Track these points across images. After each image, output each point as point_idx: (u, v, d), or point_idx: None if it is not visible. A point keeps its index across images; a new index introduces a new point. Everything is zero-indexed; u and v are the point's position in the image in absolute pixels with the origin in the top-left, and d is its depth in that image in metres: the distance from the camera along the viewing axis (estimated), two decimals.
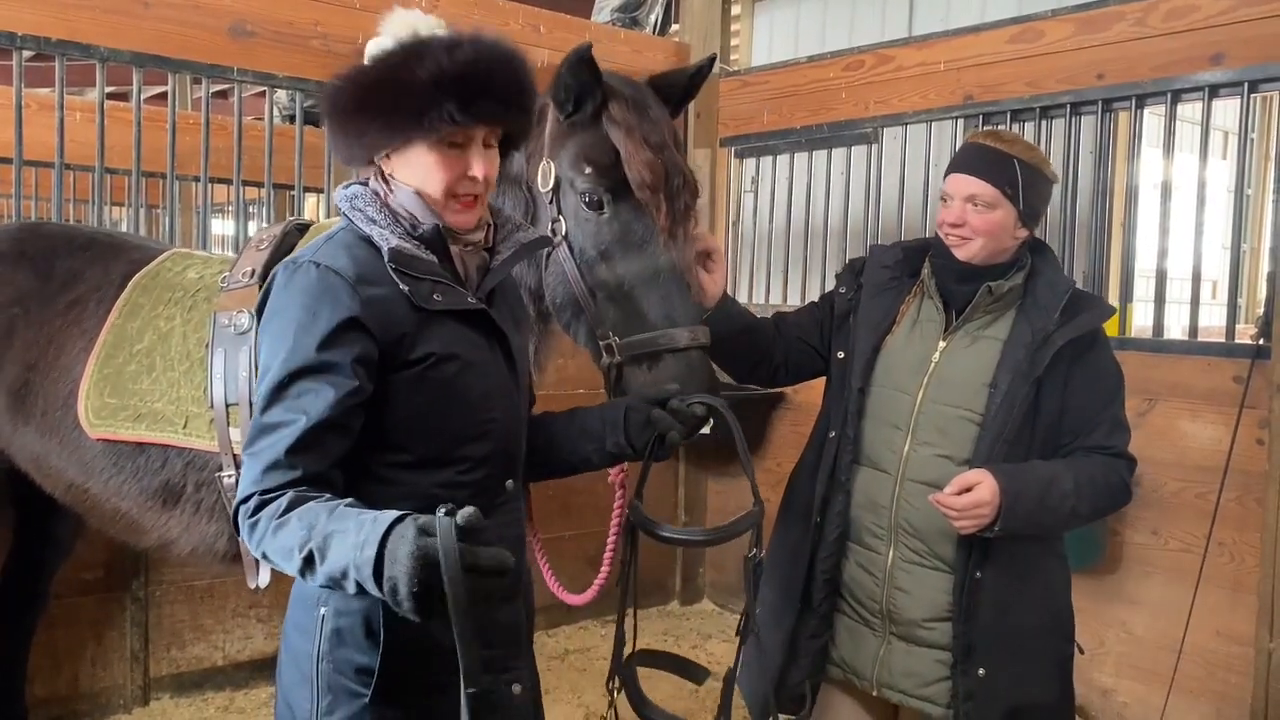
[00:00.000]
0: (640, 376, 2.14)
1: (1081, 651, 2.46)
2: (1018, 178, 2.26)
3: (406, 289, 1.66)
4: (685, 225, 2.19)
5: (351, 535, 1.38)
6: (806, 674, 2.49)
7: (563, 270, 2.21)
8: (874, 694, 2.40)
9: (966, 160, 2.33)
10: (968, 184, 2.29)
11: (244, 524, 1.55)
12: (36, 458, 2.75)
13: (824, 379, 2.62)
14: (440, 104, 1.62)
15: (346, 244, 1.71)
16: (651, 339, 2.13)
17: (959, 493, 2.13)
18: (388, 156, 1.72)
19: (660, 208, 2.14)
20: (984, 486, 2.11)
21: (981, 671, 2.25)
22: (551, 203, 2.22)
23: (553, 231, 2.21)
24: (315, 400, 1.57)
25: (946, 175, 2.39)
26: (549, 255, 2.24)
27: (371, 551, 1.34)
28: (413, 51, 1.63)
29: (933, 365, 2.33)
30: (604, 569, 2.43)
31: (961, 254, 2.32)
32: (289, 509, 1.49)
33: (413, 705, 1.71)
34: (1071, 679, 2.42)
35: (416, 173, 1.71)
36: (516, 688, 1.80)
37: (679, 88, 2.41)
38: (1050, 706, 2.35)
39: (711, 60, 2.47)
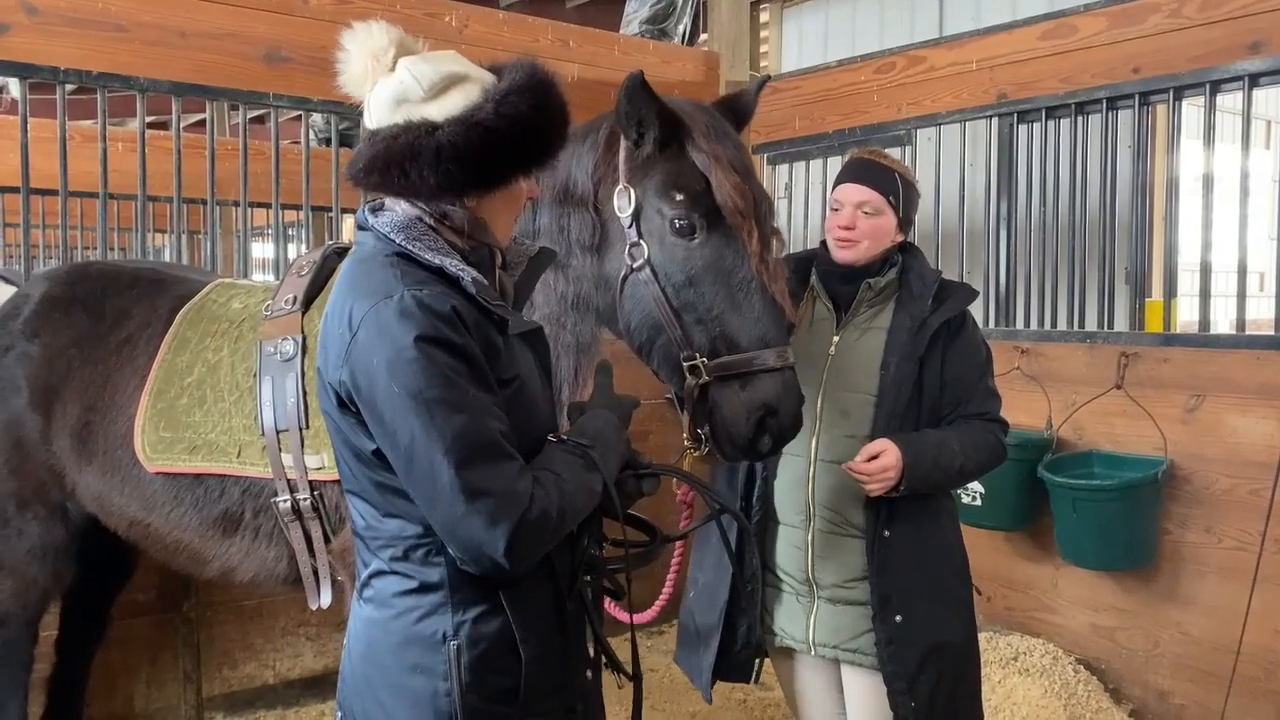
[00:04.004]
0: (732, 396, 2.17)
1: (979, 593, 2.72)
2: (899, 187, 2.58)
3: (501, 315, 1.67)
4: (772, 249, 2.24)
5: (610, 440, 1.79)
6: (743, 643, 2.70)
7: (643, 294, 2.23)
8: (811, 655, 2.62)
9: (855, 172, 2.61)
10: (858, 192, 2.57)
11: (536, 529, 1.57)
12: (99, 497, 2.82)
13: None
14: (564, 136, 1.72)
15: (425, 278, 1.64)
16: (745, 360, 2.17)
17: (868, 460, 2.41)
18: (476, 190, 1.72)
19: (752, 232, 2.18)
20: (889, 453, 2.39)
21: (899, 618, 2.49)
22: (630, 227, 2.24)
23: (631, 256, 2.23)
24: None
25: (836, 186, 2.65)
26: (625, 279, 2.26)
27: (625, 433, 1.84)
28: (544, 90, 1.66)
29: (829, 358, 2.58)
30: (667, 589, 2.45)
31: (848, 255, 2.58)
32: (558, 479, 1.64)
33: (552, 709, 1.75)
34: (974, 620, 2.68)
35: (509, 199, 1.75)
36: (589, 673, 1.86)
37: (747, 111, 2.46)
38: (959, 644, 2.59)
39: (766, 79, 2.56)
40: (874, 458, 2.40)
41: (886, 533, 2.49)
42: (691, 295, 2.20)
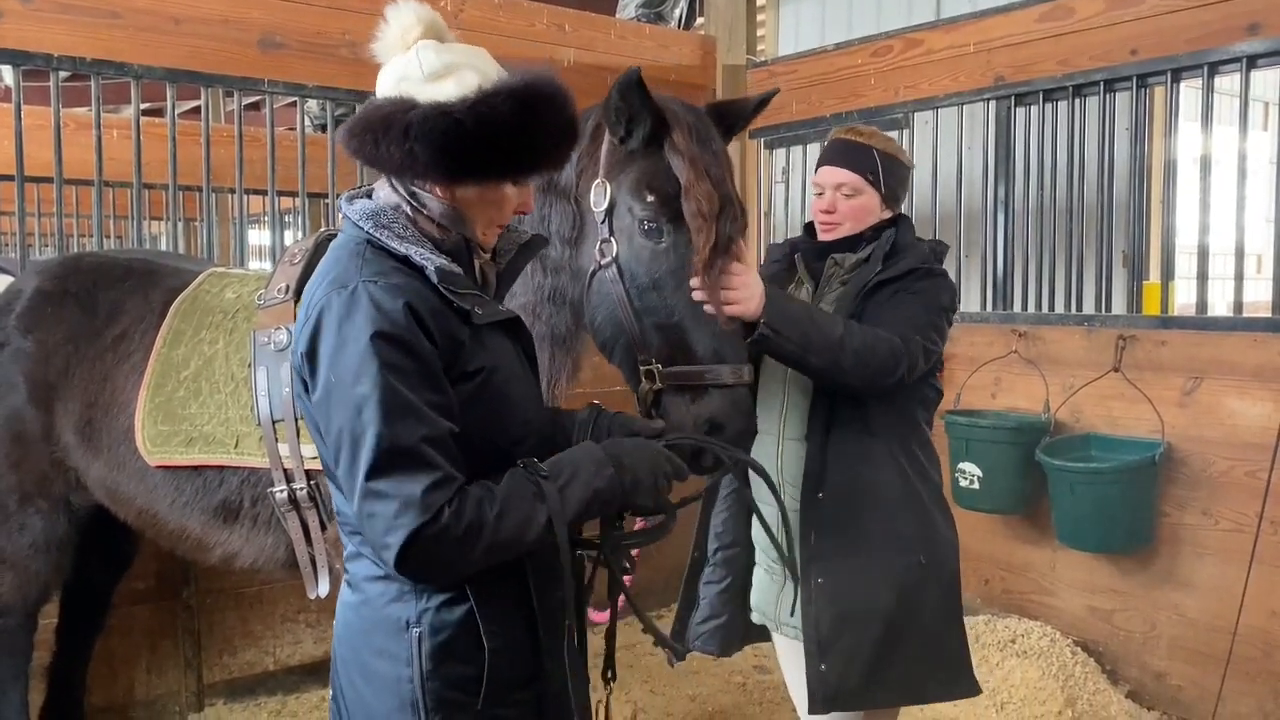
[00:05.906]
0: (681, 407, 2.12)
1: (922, 563, 2.49)
2: (877, 164, 2.56)
3: (464, 306, 1.65)
4: (725, 256, 2.14)
5: (582, 474, 1.66)
6: (706, 616, 2.71)
7: (609, 292, 2.18)
8: (778, 632, 2.62)
9: (833, 154, 2.61)
10: (836, 174, 2.58)
11: (435, 544, 1.51)
12: (108, 488, 2.85)
13: None
14: (558, 153, 1.71)
15: (388, 268, 1.64)
16: (698, 372, 2.11)
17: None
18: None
19: (707, 236, 2.10)
20: (752, 272, 2.22)
21: (820, 579, 2.45)
22: (604, 222, 2.20)
23: (601, 252, 2.19)
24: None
25: (816, 169, 2.65)
26: (594, 274, 2.21)
27: (610, 470, 1.67)
28: (538, 100, 1.63)
29: None
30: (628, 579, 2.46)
31: (831, 237, 2.59)
32: (489, 500, 1.55)
33: (519, 702, 1.74)
34: (918, 589, 2.48)
35: (487, 202, 1.73)
36: (574, 670, 1.85)
37: (740, 116, 2.42)
38: (880, 611, 2.44)
39: (773, 93, 2.51)
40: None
41: (819, 494, 2.46)
42: (654, 299, 2.15)
